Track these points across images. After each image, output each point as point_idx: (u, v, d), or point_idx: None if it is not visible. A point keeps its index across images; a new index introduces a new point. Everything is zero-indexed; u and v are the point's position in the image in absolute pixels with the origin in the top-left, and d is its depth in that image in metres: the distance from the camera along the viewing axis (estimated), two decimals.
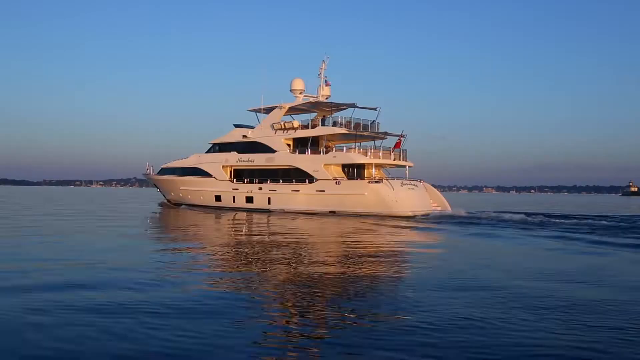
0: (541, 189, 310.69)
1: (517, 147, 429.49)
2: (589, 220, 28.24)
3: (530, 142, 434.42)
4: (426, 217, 31.00)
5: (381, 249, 16.08)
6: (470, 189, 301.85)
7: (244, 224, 25.93)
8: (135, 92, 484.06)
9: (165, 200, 46.20)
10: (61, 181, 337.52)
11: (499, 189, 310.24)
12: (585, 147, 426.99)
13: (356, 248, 16.06)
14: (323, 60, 39.09)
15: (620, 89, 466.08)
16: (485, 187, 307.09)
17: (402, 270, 11.98)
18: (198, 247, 15.50)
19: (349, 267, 11.87)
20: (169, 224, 26.31)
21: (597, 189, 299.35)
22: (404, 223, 26.79)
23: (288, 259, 12.93)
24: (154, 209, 40.06)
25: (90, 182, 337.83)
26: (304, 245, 16.25)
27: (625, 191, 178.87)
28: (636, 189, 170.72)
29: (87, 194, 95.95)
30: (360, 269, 11.62)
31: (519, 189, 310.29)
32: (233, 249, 15.15)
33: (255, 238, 18.79)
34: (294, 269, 11.30)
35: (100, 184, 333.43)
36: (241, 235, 20.32)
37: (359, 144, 36.94)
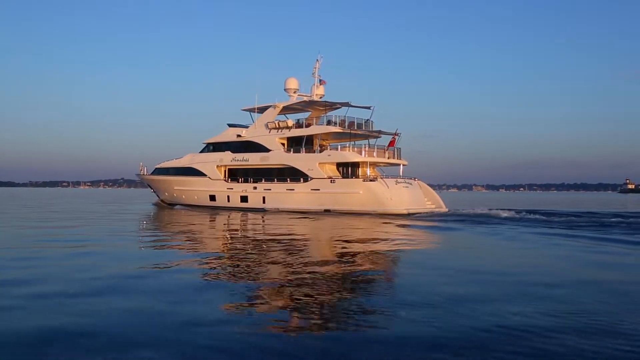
0: (530, 187, 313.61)
1: (505, 145, 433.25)
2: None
3: (519, 139, 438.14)
4: (422, 215, 31.17)
5: (382, 246, 16.20)
6: (459, 188, 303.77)
7: (243, 223, 25.95)
8: (124, 91, 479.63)
9: (159, 201, 46.05)
10: (47, 182, 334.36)
11: (489, 187, 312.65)
12: (573, 144, 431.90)
13: (353, 247, 16.16)
14: (317, 60, 39.25)
15: (609, 86, 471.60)
16: (475, 185, 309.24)
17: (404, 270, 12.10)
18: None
19: (348, 266, 11.95)
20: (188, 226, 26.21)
21: (585, 187, 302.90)
22: (400, 221, 26.94)
23: (285, 259, 12.98)
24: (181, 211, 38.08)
25: (78, 183, 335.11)
26: (301, 244, 16.32)
27: (622, 188, 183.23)
28: (633, 186, 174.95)
29: (87, 195, 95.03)
30: (361, 269, 11.70)
31: (508, 187, 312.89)
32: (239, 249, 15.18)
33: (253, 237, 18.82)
34: (290, 268, 11.37)
35: (87, 185, 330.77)
36: (241, 234, 20.34)
37: (353, 142, 37.11)
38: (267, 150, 37.92)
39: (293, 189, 35.80)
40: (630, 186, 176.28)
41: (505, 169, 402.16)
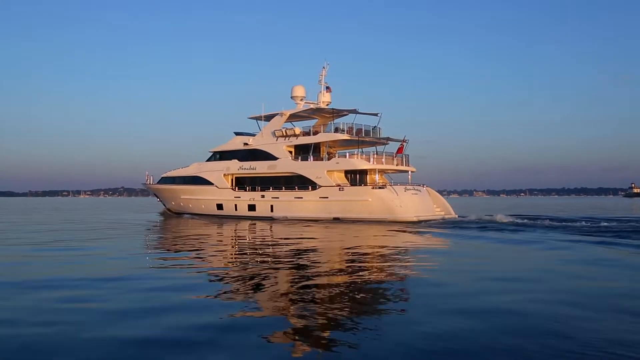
0: (531, 191, 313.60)
1: (505, 150, 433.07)
2: None
3: (518, 144, 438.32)
4: (434, 222, 30.96)
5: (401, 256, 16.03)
6: (460, 193, 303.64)
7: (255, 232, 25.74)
8: (123, 100, 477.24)
9: (166, 210, 45.88)
10: (47, 192, 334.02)
11: (489, 192, 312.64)
12: (572, 149, 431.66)
13: (372, 258, 15.98)
14: (323, 67, 39.20)
15: (607, 91, 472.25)
16: (476, 190, 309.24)
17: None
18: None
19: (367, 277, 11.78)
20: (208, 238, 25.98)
21: (586, 191, 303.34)
22: (413, 228, 26.76)
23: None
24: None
25: (78, 192, 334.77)
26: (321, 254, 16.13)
27: (628, 193, 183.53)
28: (639, 191, 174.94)
29: (97, 205, 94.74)
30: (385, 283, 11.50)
31: (509, 193, 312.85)
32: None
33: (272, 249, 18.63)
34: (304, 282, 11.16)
35: (87, 194, 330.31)
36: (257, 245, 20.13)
37: (360, 149, 36.98)
38: (274, 158, 37.78)
39: (301, 197, 35.61)
40: (635, 190, 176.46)
41: (505, 174, 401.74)
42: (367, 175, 36.46)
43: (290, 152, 37.78)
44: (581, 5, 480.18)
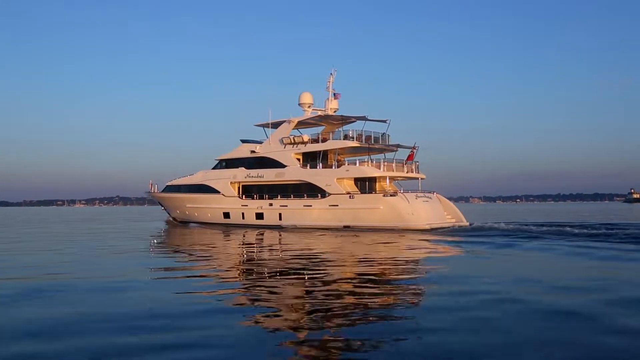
0: (527, 197, 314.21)
1: (500, 156, 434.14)
2: None
3: (514, 150, 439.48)
4: (448, 230, 30.54)
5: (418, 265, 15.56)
6: (456, 200, 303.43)
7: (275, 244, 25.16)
8: (122, 107, 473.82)
9: (171, 218, 45.28)
10: (42, 201, 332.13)
11: (486, 198, 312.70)
12: (568, 155, 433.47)
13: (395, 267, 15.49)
14: (331, 73, 38.85)
15: (604, 96, 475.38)
16: (472, 197, 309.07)
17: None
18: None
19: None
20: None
21: (581, 197, 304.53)
22: (433, 237, 26.32)
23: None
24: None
25: (73, 202, 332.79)
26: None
27: (628, 198, 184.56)
28: (638, 196, 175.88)
29: (100, 214, 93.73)
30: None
31: (505, 199, 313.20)
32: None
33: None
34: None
35: (82, 203, 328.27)
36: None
37: (369, 156, 36.57)
38: (282, 166, 37.31)
39: (310, 205, 35.11)
40: (635, 195, 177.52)
41: (501, 180, 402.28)
42: (376, 183, 36.05)
43: (299, 159, 37.33)
44: (581, 6, 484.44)
